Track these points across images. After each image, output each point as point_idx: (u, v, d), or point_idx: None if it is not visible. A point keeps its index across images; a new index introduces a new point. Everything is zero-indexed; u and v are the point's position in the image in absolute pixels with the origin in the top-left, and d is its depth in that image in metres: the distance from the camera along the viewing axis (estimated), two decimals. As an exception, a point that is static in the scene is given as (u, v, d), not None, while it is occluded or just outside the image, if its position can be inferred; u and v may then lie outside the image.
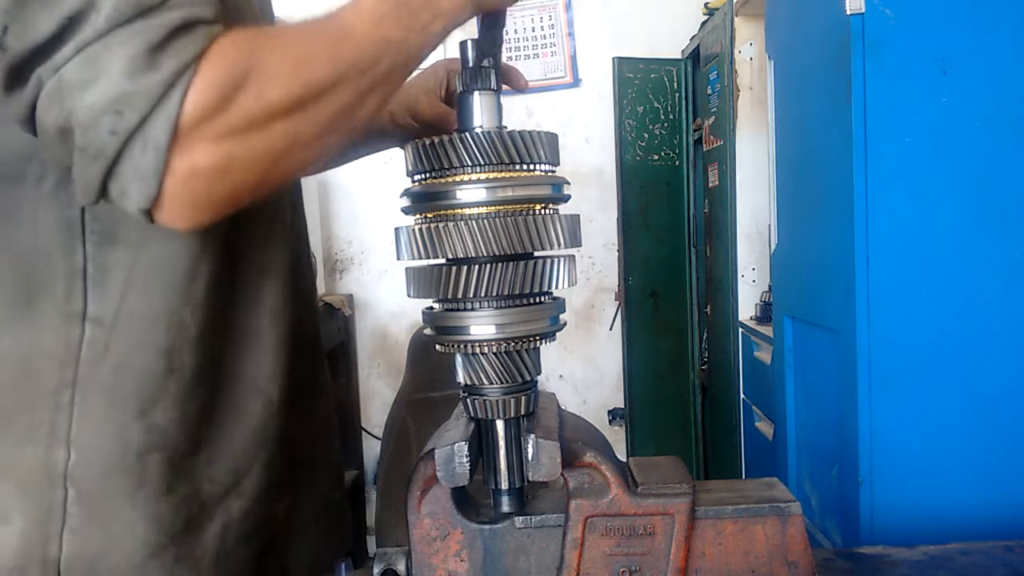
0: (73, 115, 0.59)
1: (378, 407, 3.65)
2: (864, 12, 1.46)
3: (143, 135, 0.59)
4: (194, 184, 0.61)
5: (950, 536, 1.04)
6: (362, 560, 3.37)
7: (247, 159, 0.63)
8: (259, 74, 0.62)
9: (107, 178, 0.61)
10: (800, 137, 1.94)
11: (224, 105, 0.60)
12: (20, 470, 0.73)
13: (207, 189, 0.62)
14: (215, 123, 0.60)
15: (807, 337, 1.93)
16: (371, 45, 0.67)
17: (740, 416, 2.67)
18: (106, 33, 0.58)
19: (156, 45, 0.58)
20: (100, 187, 0.61)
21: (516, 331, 0.80)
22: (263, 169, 0.65)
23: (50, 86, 0.59)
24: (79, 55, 0.58)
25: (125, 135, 0.59)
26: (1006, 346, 1.48)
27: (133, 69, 0.58)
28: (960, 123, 1.46)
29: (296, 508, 0.92)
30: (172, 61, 0.59)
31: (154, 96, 0.58)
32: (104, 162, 0.60)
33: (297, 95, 0.63)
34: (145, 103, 0.58)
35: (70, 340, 0.73)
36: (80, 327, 0.73)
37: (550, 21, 3.59)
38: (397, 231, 0.82)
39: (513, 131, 0.79)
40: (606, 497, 0.83)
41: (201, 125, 0.60)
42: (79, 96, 0.58)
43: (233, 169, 0.62)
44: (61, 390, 0.73)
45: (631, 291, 3.31)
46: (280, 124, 0.63)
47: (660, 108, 3.32)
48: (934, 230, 1.48)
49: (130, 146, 0.59)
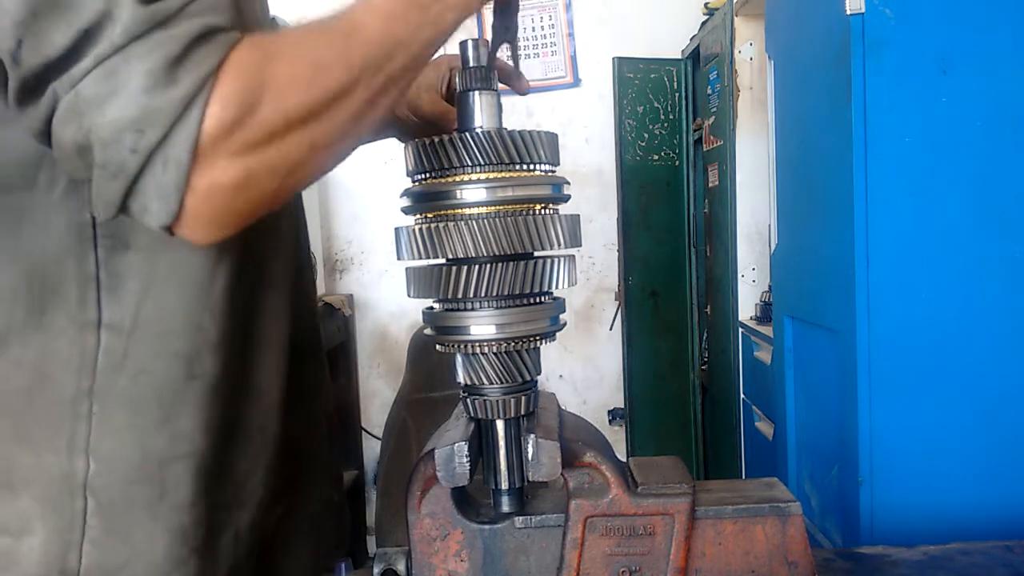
0: (92, 132, 0.58)
1: (378, 407, 3.65)
2: (864, 12, 1.46)
3: (164, 152, 0.58)
4: (215, 200, 0.61)
5: (950, 536, 1.04)
6: (362, 560, 3.37)
7: (266, 171, 0.62)
8: (275, 84, 0.61)
9: (127, 195, 0.60)
10: (800, 137, 1.94)
11: (243, 119, 0.59)
12: (40, 480, 0.73)
13: (228, 204, 0.61)
14: (235, 138, 0.59)
15: (807, 337, 1.93)
16: (383, 44, 0.67)
17: (740, 416, 2.67)
18: (124, 46, 0.57)
19: (175, 58, 0.58)
20: (120, 204, 0.60)
21: (516, 331, 0.80)
22: (282, 179, 0.64)
23: (67, 101, 0.58)
24: (96, 69, 0.57)
25: (146, 153, 0.58)
26: (1006, 346, 1.48)
27: (153, 84, 0.57)
28: (960, 123, 1.46)
29: (295, 510, 0.92)
30: (191, 75, 0.58)
31: (175, 112, 0.57)
32: (125, 180, 0.59)
33: (314, 103, 0.63)
34: (166, 120, 0.57)
35: (85, 348, 0.72)
36: (96, 335, 0.72)
37: (550, 21, 3.59)
38: (397, 231, 0.82)
39: (513, 131, 0.79)
40: (606, 497, 0.83)
41: (221, 140, 0.59)
42: (98, 112, 0.57)
43: (253, 182, 0.62)
44: (79, 399, 0.72)
45: (631, 291, 3.31)
46: (298, 133, 0.62)
47: (660, 108, 3.32)
48: (934, 230, 1.48)
49: (151, 163, 0.58)
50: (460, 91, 0.83)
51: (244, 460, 0.81)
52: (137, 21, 0.57)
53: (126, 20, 0.57)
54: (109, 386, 0.73)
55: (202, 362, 0.75)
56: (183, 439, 0.75)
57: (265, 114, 0.60)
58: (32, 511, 0.72)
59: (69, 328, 0.72)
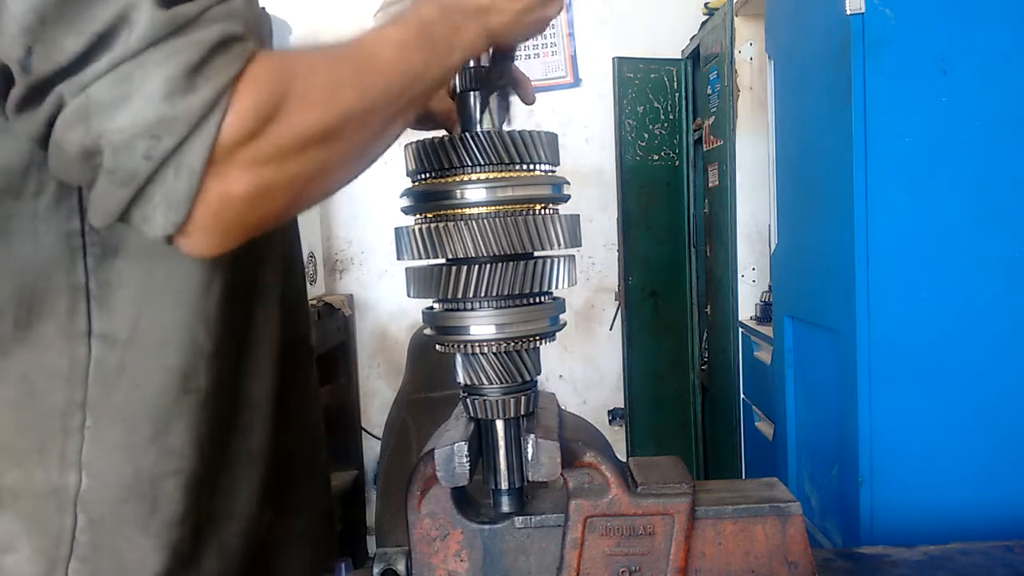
0: (104, 136, 0.56)
1: (378, 407, 3.65)
2: (864, 12, 1.46)
3: (177, 160, 0.56)
4: (226, 211, 0.59)
5: (950, 536, 1.04)
6: (362, 560, 3.37)
7: (279, 186, 0.61)
8: (294, 100, 0.60)
9: (132, 202, 0.58)
10: (800, 137, 1.94)
11: (260, 131, 0.58)
12: (27, 495, 0.71)
13: (238, 216, 0.60)
14: (250, 149, 0.58)
15: (807, 337, 1.93)
16: (396, 75, 0.67)
17: (740, 416, 2.67)
18: (140, 52, 0.55)
19: (194, 66, 0.56)
20: (122, 211, 0.59)
21: (516, 331, 0.80)
22: (294, 196, 0.64)
23: (76, 104, 0.56)
24: (110, 73, 0.55)
25: (160, 160, 0.56)
26: (1006, 346, 1.48)
27: (171, 91, 0.55)
28: (960, 123, 1.46)
29: (289, 518, 0.91)
30: (210, 84, 0.56)
31: (192, 121, 0.56)
32: (133, 187, 0.57)
33: (331, 123, 0.62)
34: (183, 128, 0.56)
35: (76, 360, 0.71)
36: (86, 346, 0.71)
37: (550, 21, 3.59)
38: (397, 231, 0.82)
39: (513, 131, 0.79)
40: (606, 497, 0.83)
41: (237, 151, 0.58)
42: (110, 117, 0.56)
43: (265, 196, 0.61)
44: (70, 412, 0.71)
45: (631, 291, 3.31)
46: (312, 150, 0.62)
47: (660, 108, 3.32)
48: (934, 230, 1.48)
49: (163, 171, 0.57)
50: (460, 91, 0.83)
51: (235, 472, 0.79)
52: (156, 26, 0.56)
53: (144, 25, 0.55)
54: (103, 399, 0.71)
55: (197, 376, 0.74)
56: (174, 455, 0.73)
57: (282, 128, 0.59)
58: (16, 527, 0.71)
59: (59, 339, 0.70)
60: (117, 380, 0.71)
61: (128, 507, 0.72)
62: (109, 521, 0.71)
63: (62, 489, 0.71)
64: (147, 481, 0.72)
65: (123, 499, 0.72)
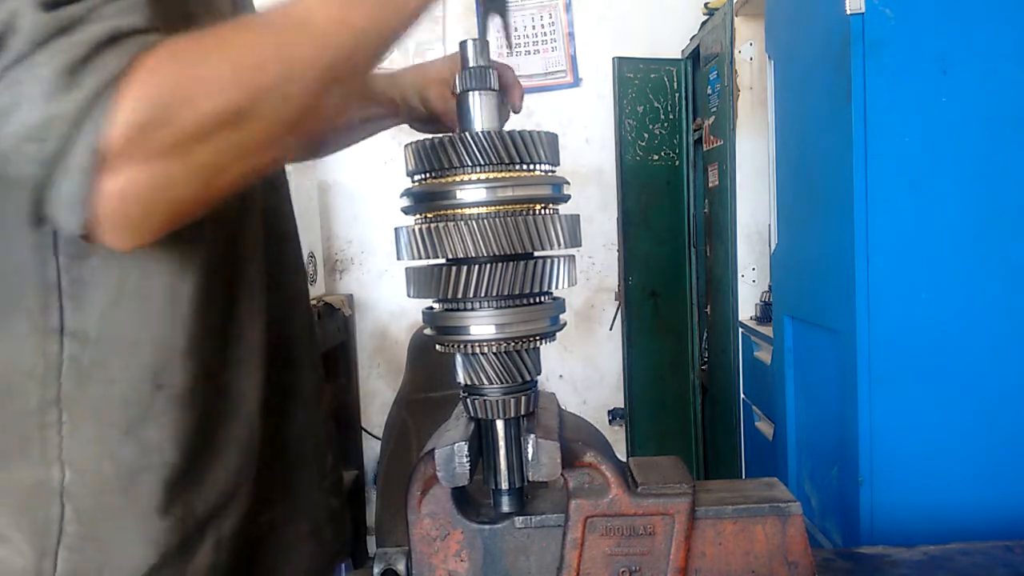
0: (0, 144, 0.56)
1: (378, 407, 3.65)
2: (864, 12, 1.46)
3: (66, 161, 0.55)
4: (128, 206, 0.58)
5: (950, 536, 1.04)
6: (362, 560, 3.37)
7: (185, 176, 0.59)
8: (193, 86, 0.58)
9: (41, 205, 0.57)
10: (800, 137, 1.94)
11: (156, 122, 0.56)
12: (14, 489, 0.71)
13: (143, 210, 0.59)
14: (147, 142, 0.56)
15: (807, 337, 1.94)
16: (331, 36, 0.64)
17: (740, 416, 2.67)
18: (27, 56, 0.54)
19: (76, 63, 0.55)
20: (38, 214, 0.58)
21: (516, 331, 0.80)
22: (204, 184, 0.61)
23: None
24: (1, 82, 0.55)
25: (48, 162, 0.55)
26: (1006, 346, 1.48)
27: (52, 91, 0.54)
28: (960, 123, 1.46)
29: (291, 518, 0.91)
30: (92, 79, 0.55)
31: (74, 118, 0.54)
32: (36, 191, 0.57)
33: (240, 103, 0.59)
34: (66, 126, 0.54)
35: (49, 356, 0.71)
36: (58, 343, 0.71)
37: (550, 20, 3.59)
38: (397, 231, 0.82)
39: (513, 131, 0.79)
40: (606, 497, 0.83)
41: (131, 145, 0.56)
42: (3, 125, 0.55)
43: (170, 187, 0.59)
44: (46, 408, 0.71)
45: (631, 291, 3.31)
46: (220, 136, 0.59)
47: (660, 108, 3.32)
48: (934, 230, 1.48)
49: (55, 173, 0.55)
50: (459, 91, 0.83)
51: (225, 470, 0.79)
52: (39, 29, 0.55)
53: (28, 29, 0.54)
54: (77, 395, 0.71)
55: (171, 372, 0.73)
56: (152, 450, 0.73)
57: (181, 117, 0.57)
58: (5, 520, 0.71)
59: (32, 336, 0.70)
60: (90, 376, 0.72)
61: (112, 499, 0.72)
62: (95, 512, 0.72)
63: (47, 482, 0.71)
64: (127, 474, 0.73)
65: (106, 491, 0.72)
